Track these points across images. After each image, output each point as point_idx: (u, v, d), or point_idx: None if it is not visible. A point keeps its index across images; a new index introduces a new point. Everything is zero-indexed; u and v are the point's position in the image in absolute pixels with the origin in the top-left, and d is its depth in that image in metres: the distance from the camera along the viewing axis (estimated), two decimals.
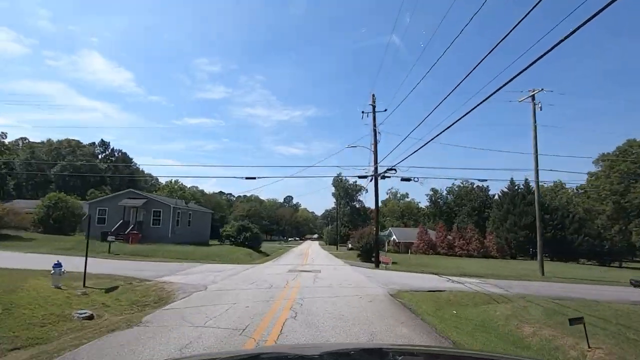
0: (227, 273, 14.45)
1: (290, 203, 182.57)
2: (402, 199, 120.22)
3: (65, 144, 58.76)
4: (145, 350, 4.75)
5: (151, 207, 30.02)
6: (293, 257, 30.86)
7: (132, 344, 5.02)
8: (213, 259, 22.65)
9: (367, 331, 6.18)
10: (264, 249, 48.56)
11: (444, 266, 26.78)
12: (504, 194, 47.31)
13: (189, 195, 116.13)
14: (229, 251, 30.02)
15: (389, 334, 6.13)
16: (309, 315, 7.11)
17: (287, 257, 31.23)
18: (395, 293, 10.58)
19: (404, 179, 22.14)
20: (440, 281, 15.49)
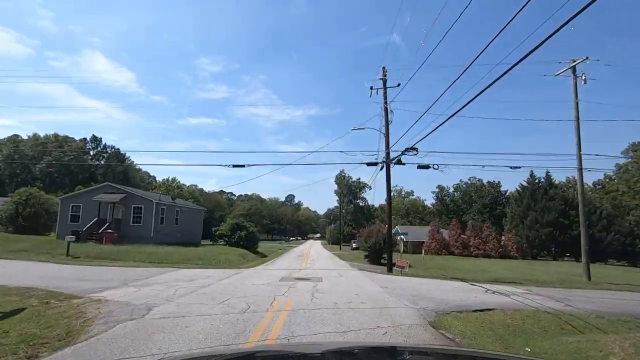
0: (197, 283, 10.91)
1: (292, 202, 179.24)
2: (406, 197, 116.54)
3: (52, 138, 55.50)
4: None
5: (131, 203, 26.58)
6: (291, 259, 27.33)
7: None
8: (195, 262, 19.17)
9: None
10: (262, 249, 45.08)
11: (465, 269, 23.15)
12: (524, 189, 43.48)
13: (187, 194, 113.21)
14: (219, 252, 26.55)
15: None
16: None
17: (285, 259, 27.71)
18: (434, 319, 7.01)
19: (421, 166, 18.52)
20: (475, 292, 11.91)
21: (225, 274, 14.52)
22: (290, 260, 25.78)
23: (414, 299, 9.43)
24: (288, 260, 26.00)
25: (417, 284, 13.00)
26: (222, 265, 20.30)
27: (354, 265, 22.44)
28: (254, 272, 15.47)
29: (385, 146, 18.89)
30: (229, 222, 37.06)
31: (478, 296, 10.87)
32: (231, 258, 25.12)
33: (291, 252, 41.47)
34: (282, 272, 16.06)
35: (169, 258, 19.06)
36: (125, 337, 5.29)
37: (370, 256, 24.65)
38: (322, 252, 44.26)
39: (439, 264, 26.01)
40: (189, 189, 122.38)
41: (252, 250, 36.01)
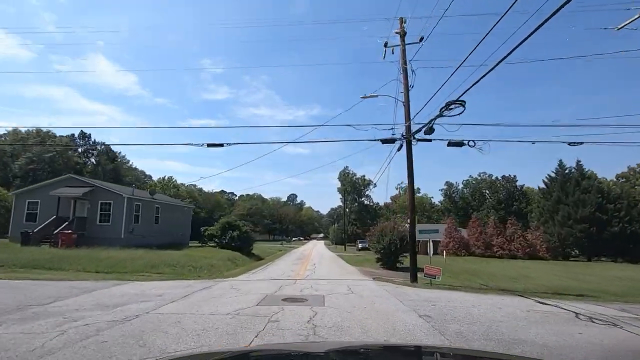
0: (117, 314, 6.61)
1: (294, 201, 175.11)
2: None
3: (34, 134, 51.54)
4: None
5: (97, 198, 22.39)
6: (288, 264, 23.05)
7: None
8: (163, 271, 14.90)
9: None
10: (259, 251, 40.78)
11: (502, 274, 18.74)
12: (552, 180, 38.77)
13: (185, 194, 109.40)
14: (203, 256, 22.33)
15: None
16: None
17: (281, 264, 23.43)
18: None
19: (453, 143, 14.14)
20: (564, 320, 7.55)
21: (189, 289, 10.23)
22: (287, 265, 21.49)
23: (491, 345, 5.11)
24: (284, 265, 21.73)
25: (466, 305, 8.64)
26: (199, 273, 16.06)
27: (364, 271, 18.09)
28: (230, 286, 11.16)
29: (405, 117, 14.54)
30: (219, 221, 32.83)
31: (583, 332, 6.51)
32: (215, 263, 20.85)
33: (291, 254, 37.20)
34: (271, 284, 11.76)
35: (129, 265, 14.80)
36: None
37: (383, 259, 20.30)
38: (325, 253, 39.94)
39: (467, 267, 21.61)
40: (187, 188, 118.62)
41: (246, 253, 31.75)
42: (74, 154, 59.04)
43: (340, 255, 34.82)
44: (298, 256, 32.60)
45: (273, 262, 25.69)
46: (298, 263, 23.08)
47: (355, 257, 31.39)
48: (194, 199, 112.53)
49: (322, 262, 24.43)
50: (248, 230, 33.44)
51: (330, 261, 25.54)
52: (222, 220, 32.42)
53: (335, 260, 26.27)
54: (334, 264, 23.14)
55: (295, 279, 13.47)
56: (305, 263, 23.21)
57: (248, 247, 33.08)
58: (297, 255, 34.91)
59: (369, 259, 27.06)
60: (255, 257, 32.27)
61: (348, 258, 29.99)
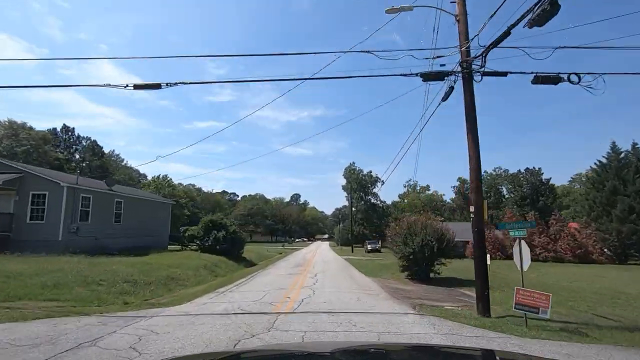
0: None
1: (297, 201, 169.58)
2: (422, 192, 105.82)
3: (6, 125, 46.46)
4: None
5: (28, 188, 16.86)
6: (282, 274, 17.27)
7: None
8: (58, 297, 9.20)
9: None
10: (254, 255, 35.10)
11: (598, 292, 12.86)
12: (602, 167, 32.40)
13: (182, 194, 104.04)
14: (172, 264, 16.76)
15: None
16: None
17: (271, 274, 17.70)
18: None
19: (543, 77, 8.33)
20: None
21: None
22: (278, 277, 15.74)
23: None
24: (275, 277, 15.97)
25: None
26: (138, 293, 10.46)
27: (388, 287, 12.24)
28: (128, 344, 5.42)
29: (460, 37, 8.75)
30: (202, 219, 27.23)
31: None
32: (182, 274, 15.25)
33: (290, 258, 31.51)
34: (224, 332, 6.01)
35: (14, 286, 9.16)
36: None
37: (411, 268, 14.48)
38: (331, 257, 34.17)
39: (530, 279, 15.69)
40: (185, 188, 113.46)
41: (235, 257, 26.13)
42: (55, 149, 53.93)
43: (349, 259, 29.02)
44: (298, 261, 26.89)
45: (264, 270, 20.02)
46: (295, 272, 17.38)
47: (368, 262, 25.56)
48: (192, 199, 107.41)
49: (327, 270, 18.68)
50: (237, 231, 27.81)
51: (337, 269, 19.76)
52: (205, 219, 26.80)
53: (344, 268, 20.47)
54: (343, 273, 17.32)
55: (279, 312, 7.69)
56: (305, 272, 17.50)
57: (237, 250, 27.46)
58: (298, 259, 29.18)
59: (387, 265, 21.26)
60: (245, 263, 26.63)
61: (359, 263, 24.18)
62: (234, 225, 27.95)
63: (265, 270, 19.53)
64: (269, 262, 27.12)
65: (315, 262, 25.66)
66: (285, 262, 26.59)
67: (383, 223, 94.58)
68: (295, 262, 25.51)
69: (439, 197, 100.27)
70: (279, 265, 23.53)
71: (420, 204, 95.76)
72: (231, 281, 14.20)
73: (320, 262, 25.31)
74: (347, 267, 20.65)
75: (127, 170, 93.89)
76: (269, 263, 25.87)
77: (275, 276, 16.23)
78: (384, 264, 24.09)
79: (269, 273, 17.81)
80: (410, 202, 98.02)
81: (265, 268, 21.53)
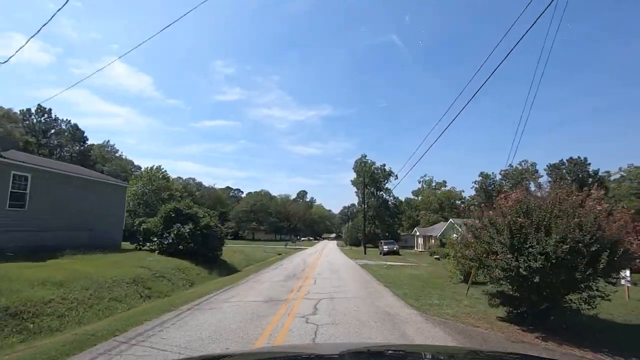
0: None
1: (304, 199, 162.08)
2: (438, 189, 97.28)
3: None
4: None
5: None
6: (257, 299, 9.50)
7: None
8: None
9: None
10: (241, 257, 27.66)
11: None
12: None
13: (180, 187, 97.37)
14: (68, 278, 9.44)
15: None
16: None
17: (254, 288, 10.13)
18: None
19: None
20: None
21: None
22: (251, 307, 8.02)
23: None
24: (240, 307, 8.24)
25: None
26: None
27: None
28: None
29: None
30: (162, 208, 19.76)
31: None
32: (59, 306, 7.81)
33: (286, 263, 23.85)
34: None
35: None
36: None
37: (518, 301, 6.81)
38: (340, 260, 26.44)
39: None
40: (184, 182, 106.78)
41: (208, 260, 18.69)
42: (24, 130, 47.24)
43: (366, 266, 21.23)
44: (295, 268, 19.19)
45: (238, 285, 12.41)
46: (279, 297, 9.69)
47: (395, 272, 17.71)
48: (190, 194, 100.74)
49: (338, 292, 10.95)
50: (213, 225, 20.25)
51: (355, 288, 11.94)
52: (167, 207, 19.37)
53: (363, 285, 12.60)
54: (368, 302, 9.39)
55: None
56: (301, 290, 9.92)
57: (212, 251, 19.97)
58: (295, 265, 21.47)
59: (427, 279, 13.50)
60: (221, 269, 19.13)
61: (383, 274, 16.38)
62: (208, 216, 20.43)
63: (239, 286, 11.93)
64: (256, 269, 19.59)
65: (318, 270, 17.97)
66: (278, 269, 18.96)
67: (395, 222, 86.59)
68: (291, 270, 17.86)
69: (457, 194, 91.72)
70: (267, 275, 15.92)
71: (437, 201, 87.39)
72: (139, 322, 6.63)
73: (326, 270, 17.62)
74: (369, 283, 12.91)
75: (120, 161, 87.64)
76: (254, 272, 18.30)
77: (253, 298, 8.65)
78: (420, 275, 16.33)
79: (240, 294, 10.19)
80: (425, 199, 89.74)
81: (245, 280, 13.96)
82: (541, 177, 77.49)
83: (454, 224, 35.07)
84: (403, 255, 38.04)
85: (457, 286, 12.18)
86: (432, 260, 32.01)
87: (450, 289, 11.66)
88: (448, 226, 37.61)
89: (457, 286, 12.18)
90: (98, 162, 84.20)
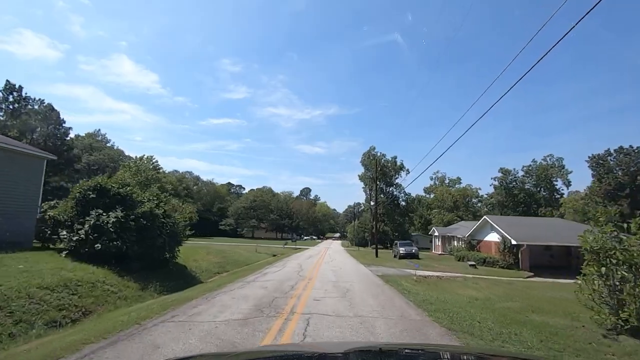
0: None
1: (307, 196, 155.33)
2: (453, 186, 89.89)
3: None
4: None
5: None
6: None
7: None
8: None
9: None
10: (218, 259, 20.97)
11: None
12: None
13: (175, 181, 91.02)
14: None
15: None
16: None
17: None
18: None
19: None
20: None
21: None
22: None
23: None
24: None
25: None
26: None
27: None
28: None
29: None
30: (76, 185, 13.00)
31: None
32: None
33: (275, 269, 16.86)
34: None
35: None
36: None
37: None
38: (349, 268, 19.41)
39: None
40: (179, 175, 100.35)
41: (152, 269, 12.00)
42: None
43: (388, 279, 14.21)
44: (281, 282, 12.24)
45: (127, 336, 5.67)
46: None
47: (442, 293, 10.73)
48: (186, 187, 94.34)
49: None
50: (159, 213, 13.41)
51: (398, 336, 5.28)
52: (83, 184, 12.55)
53: (410, 334, 5.95)
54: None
55: None
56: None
57: (159, 253, 13.21)
58: (285, 276, 14.52)
59: (544, 323, 6.41)
60: (169, 282, 12.33)
61: (420, 295, 9.56)
62: (156, 200, 13.65)
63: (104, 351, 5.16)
64: (218, 283, 12.70)
65: (317, 284, 11.15)
66: (252, 284, 11.96)
67: (406, 220, 79.00)
68: (268, 291, 10.94)
69: (473, 191, 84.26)
70: (219, 300, 9.08)
71: (451, 198, 79.99)
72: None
73: (329, 288, 10.75)
74: (422, 331, 6.09)
75: (110, 151, 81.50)
76: (214, 288, 11.40)
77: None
78: (497, 304, 9.31)
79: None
80: (438, 197, 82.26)
81: (143, 324, 7.21)
82: (570, 172, 70.24)
83: (492, 224, 28.00)
84: (424, 259, 31.11)
85: (623, 344, 5.28)
86: (465, 266, 25.04)
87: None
88: (481, 225, 30.53)
89: (623, 344, 5.28)
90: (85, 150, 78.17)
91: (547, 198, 69.25)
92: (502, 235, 25.38)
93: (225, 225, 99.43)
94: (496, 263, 25.14)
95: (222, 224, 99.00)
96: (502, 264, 24.79)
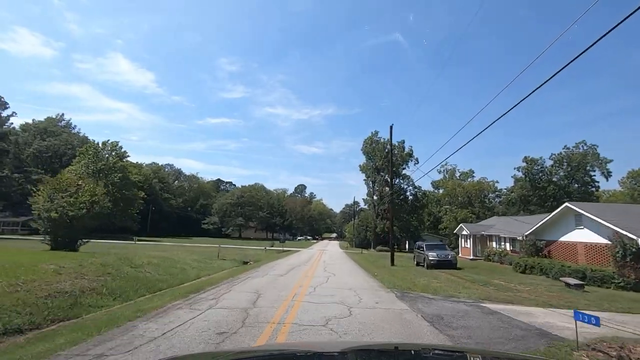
0: None
1: (302, 193, 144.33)
2: (465, 179, 79.38)
3: None
4: None
5: None
6: None
7: None
8: None
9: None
10: (151, 268, 9.99)
11: None
12: None
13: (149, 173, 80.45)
14: None
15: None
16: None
17: None
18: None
19: None
20: None
21: None
22: None
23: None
24: None
25: None
26: None
27: None
28: None
29: None
30: None
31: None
32: None
33: (187, 311, 6.42)
34: None
35: None
36: None
37: None
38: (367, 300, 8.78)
39: None
40: (155, 167, 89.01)
41: None
42: None
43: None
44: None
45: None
46: None
47: None
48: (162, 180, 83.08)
49: None
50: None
51: None
52: None
53: None
54: None
55: None
56: None
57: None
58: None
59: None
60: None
61: None
62: None
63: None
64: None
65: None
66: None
67: (414, 218, 67.61)
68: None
69: (490, 185, 73.83)
70: None
71: (464, 193, 69.38)
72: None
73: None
74: None
75: (69, 137, 70.04)
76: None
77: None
78: None
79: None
80: (450, 192, 71.64)
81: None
82: (610, 161, 60.21)
83: (584, 214, 17.44)
84: (466, 269, 20.54)
85: None
86: (557, 287, 14.39)
87: None
88: (557, 217, 19.97)
89: None
90: (39, 135, 67.29)
91: (581, 191, 59.07)
92: (615, 232, 14.89)
93: (209, 224, 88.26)
94: (610, 280, 14.63)
95: (205, 223, 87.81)
96: (620, 282, 14.29)
